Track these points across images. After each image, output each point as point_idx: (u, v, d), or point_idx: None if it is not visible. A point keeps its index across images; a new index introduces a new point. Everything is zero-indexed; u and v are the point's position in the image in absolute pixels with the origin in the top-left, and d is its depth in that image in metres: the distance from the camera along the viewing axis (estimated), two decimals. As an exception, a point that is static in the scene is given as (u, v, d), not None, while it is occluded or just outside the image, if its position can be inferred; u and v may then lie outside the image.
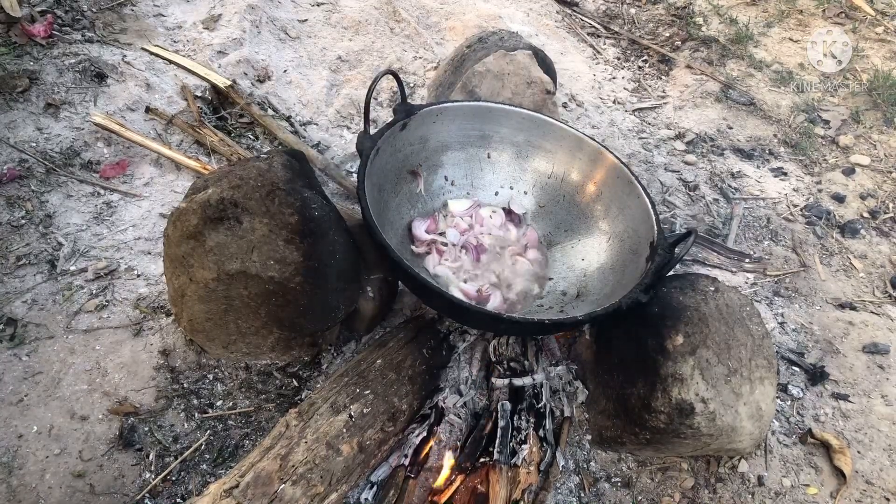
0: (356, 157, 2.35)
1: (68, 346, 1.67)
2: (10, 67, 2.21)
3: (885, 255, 2.46)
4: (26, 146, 2.03)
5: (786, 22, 3.69)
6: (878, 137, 3.00)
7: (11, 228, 1.86)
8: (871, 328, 2.16)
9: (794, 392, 1.93)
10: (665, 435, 1.50)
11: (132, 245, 1.92)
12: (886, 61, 3.42)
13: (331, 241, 1.56)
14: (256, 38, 2.73)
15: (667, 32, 3.55)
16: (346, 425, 1.40)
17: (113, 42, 2.47)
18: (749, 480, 1.70)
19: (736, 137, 2.93)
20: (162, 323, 1.75)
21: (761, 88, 3.23)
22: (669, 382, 1.46)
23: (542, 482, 1.53)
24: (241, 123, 2.40)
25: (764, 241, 2.45)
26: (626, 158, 2.61)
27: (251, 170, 1.53)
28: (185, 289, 1.52)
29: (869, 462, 1.79)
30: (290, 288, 1.49)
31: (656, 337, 1.52)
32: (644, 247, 1.64)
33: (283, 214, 1.48)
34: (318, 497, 1.31)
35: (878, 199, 2.69)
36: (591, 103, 2.95)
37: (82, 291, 1.78)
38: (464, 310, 1.50)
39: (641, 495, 1.62)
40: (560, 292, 1.83)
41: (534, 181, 1.97)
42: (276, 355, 1.69)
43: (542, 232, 1.96)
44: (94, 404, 1.58)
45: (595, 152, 1.85)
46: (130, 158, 2.13)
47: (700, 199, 2.57)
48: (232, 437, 1.58)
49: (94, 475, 1.47)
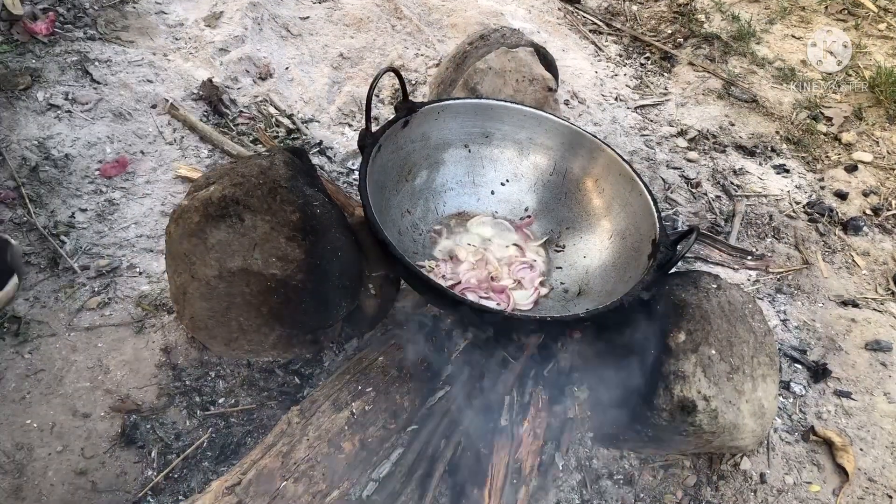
0: (358, 154, 2.35)
1: (70, 344, 1.67)
2: (12, 65, 2.21)
3: (888, 252, 2.45)
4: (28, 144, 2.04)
5: (788, 19, 3.68)
6: (881, 134, 2.99)
7: (13, 226, 1.86)
8: (873, 325, 2.15)
9: (797, 389, 1.92)
10: (667, 432, 1.50)
11: (134, 243, 1.92)
12: (889, 58, 3.41)
13: (332, 239, 1.56)
14: (258, 35, 2.72)
15: (669, 29, 3.54)
16: (348, 422, 1.40)
17: (115, 40, 2.47)
18: (751, 478, 1.70)
19: (738, 134, 2.93)
20: (164, 320, 1.75)
21: (763, 85, 3.22)
22: (671, 380, 1.46)
23: (542, 482, 1.54)
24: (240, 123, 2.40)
25: (766, 238, 2.44)
26: (628, 155, 2.61)
27: (253, 167, 1.53)
28: (186, 286, 1.52)
29: (871, 459, 1.79)
30: (292, 285, 1.49)
31: (658, 334, 1.51)
32: (646, 244, 1.64)
33: (285, 212, 1.48)
34: (320, 494, 1.31)
35: (880, 196, 2.68)
36: (593, 100, 2.94)
37: (84, 289, 1.78)
38: (465, 307, 1.50)
39: (643, 492, 1.62)
40: (562, 289, 1.83)
41: (535, 178, 1.97)
42: (278, 353, 1.69)
43: (544, 229, 1.96)
44: (97, 402, 1.58)
45: (597, 149, 1.85)
46: (131, 157, 2.13)
47: (702, 197, 2.56)
48: (234, 434, 1.59)
49: (96, 472, 1.47)
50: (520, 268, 1.84)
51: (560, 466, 1.59)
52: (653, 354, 1.53)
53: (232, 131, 2.34)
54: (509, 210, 1.99)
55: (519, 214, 1.98)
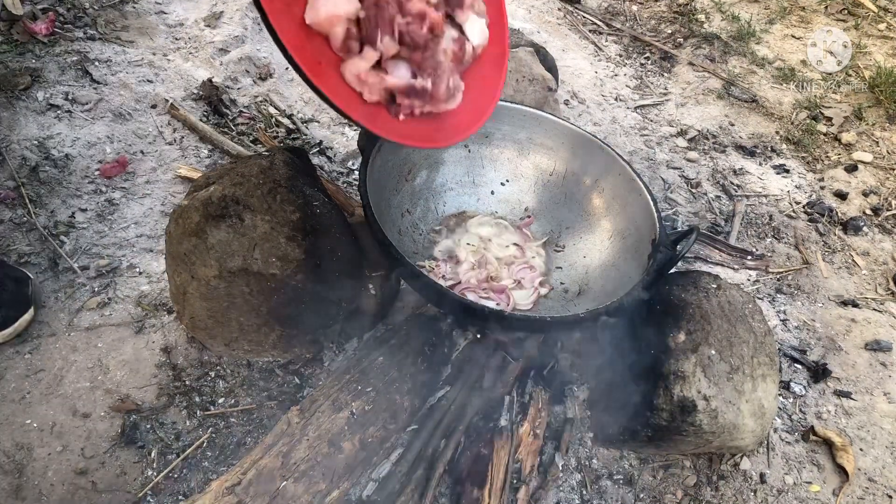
0: (358, 154, 2.35)
1: (70, 344, 1.67)
2: (12, 65, 2.21)
3: (888, 252, 2.45)
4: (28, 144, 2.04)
5: (788, 19, 3.68)
6: (881, 134, 2.99)
7: (13, 226, 1.86)
8: (873, 325, 2.15)
9: (797, 389, 1.92)
10: (667, 432, 1.50)
11: (134, 242, 1.92)
12: (889, 58, 3.41)
13: (332, 239, 1.56)
14: (258, 35, 2.72)
15: (669, 29, 3.55)
16: (348, 422, 1.40)
17: (115, 40, 2.47)
18: (751, 478, 1.70)
19: (738, 134, 2.93)
20: (164, 320, 1.75)
21: (763, 85, 3.22)
22: (671, 380, 1.46)
23: (542, 481, 1.54)
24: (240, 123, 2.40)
25: (766, 238, 2.44)
26: (628, 155, 2.61)
27: (253, 167, 1.53)
28: (186, 286, 1.52)
29: (871, 459, 1.79)
30: (292, 285, 1.49)
31: (658, 334, 1.51)
32: (646, 244, 1.64)
33: (285, 212, 1.48)
34: (320, 494, 1.31)
35: (880, 196, 2.68)
36: (593, 100, 2.94)
37: (84, 289, 1.78)
38: (465, 307, 1.50)
39: (643, 493, 1.62)
40: (562, 289, 1.83)
41: (535, 178, 1.97)
42: (278, 353, 1.69)
43: (544, 229, 1.96)
44: (96, 402, 1.58)
45: (597, 149, 1.85)
46: (131, 157, 2.13)
47: (702, 197, 2.56)
48: (234, 434, 1.59)
49: (96, 472, 1.47)
50: (520, 268, 1.84)
51: (560, 466, 1.59)
52: (652, 354, 1.53)
53: (232, 131, 2.34)
54: (509, 210, 1.99)
55: (519, 214, 1.98)
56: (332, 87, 1.10)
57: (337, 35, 1.11)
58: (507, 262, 1.84)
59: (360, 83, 1.15)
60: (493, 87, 1.39)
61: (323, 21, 1.09)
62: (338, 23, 1.10)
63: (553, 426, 1.67)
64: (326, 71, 1.11)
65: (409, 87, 1.19)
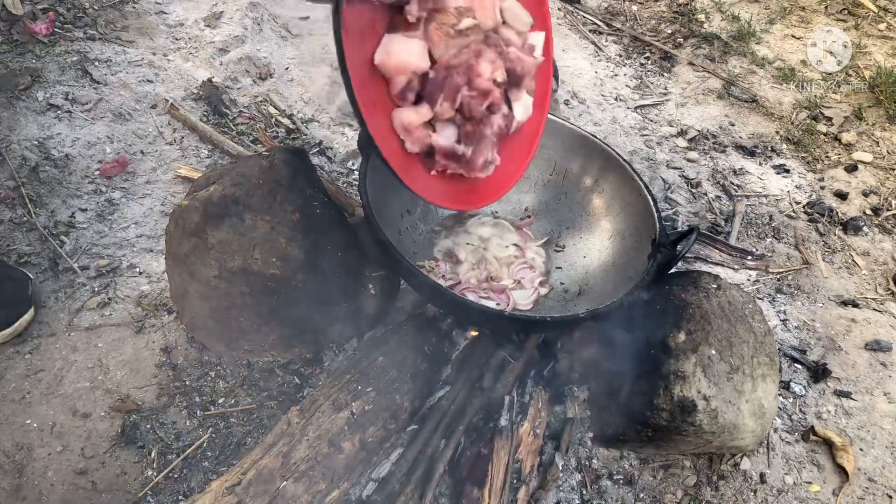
0: (358, 154, 2.35)
1: (70, 344, 1.67)
2: (13, 65, 2.21)
3: (888, 253, 2.45)
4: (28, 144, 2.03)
5: (788, 19, 3.68)
6: (881, 134, 2.99)
7: (13, 226, 1.86)
8: (873, 325, 2.15)
9: (797, 389, 1.92)
10: (667, 432, 1.50)
11: (134, 242, 1.92)
12: (889, 58, 3.41)
13: (332, 239, 1.56)
14: (258, 35, 2.72)
15: (669, 29, 3.55)
16: (348, 423, 1.40)
17: (115, 40, 2.47)
18: (751, 478, 1.70)
19: (738, 134, 2.92)
20: (164, 320, 1.75)
21: (763, 85, 3.22)
22: (671, 380, 1.46)
23: (542, 481, 1.54)
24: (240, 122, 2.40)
25: (766, 238, 2.44)
26: (628, 155, 2.61)
27: (253, 167, 1.53)
28: (186, 286, 1.52)
29: (871, 459, 1.79)
30: (292, 285, 1.49)
31: (658, 334, 1.51)
32: (646, 244, 1.64)
33: (285, 212, 1.48)
34: (320, 494, 1.31)
35: (880, 196, 2.68)
36: (593, 100, 2.94)
37: (84, 289, 1.78)
38: (465, 307, 1.50)
39: (643, 492, 1.62)
40: (562, 289, 1.83)
41: (535, 178, 1.97)
42: (278, 353, 1.69)
43: (544, 229, 1.96)
44: (96, 402, 1.58)
45: (597, 149, 1.85)
46: (131, 157, 2.13)
47: (702, 197, 2.56)
48: (234, 434, 1.59)
49: (96, 472, 1.47)
50: (519, 268, 1.83)
51: (560, 466, 1.59)
52: (652, 354, 1.53)
53: (232, 131, 2.34)
54: (509, 210, 1.99)
55: (519, 214, 1.98)
56: (378, 129, 1.13)
57: (398, 83, 1.13)
58: (507, 262, 1.84)
59: (405, 132, 1.18)
60: (520, 161, 1.42)
61: (391, 67, 1.11)
62: (404, 73, 1.12)
63: (553, 426, 1.67)
64: (378, 112, 1.14)
65: (451, 151, 1.22)
